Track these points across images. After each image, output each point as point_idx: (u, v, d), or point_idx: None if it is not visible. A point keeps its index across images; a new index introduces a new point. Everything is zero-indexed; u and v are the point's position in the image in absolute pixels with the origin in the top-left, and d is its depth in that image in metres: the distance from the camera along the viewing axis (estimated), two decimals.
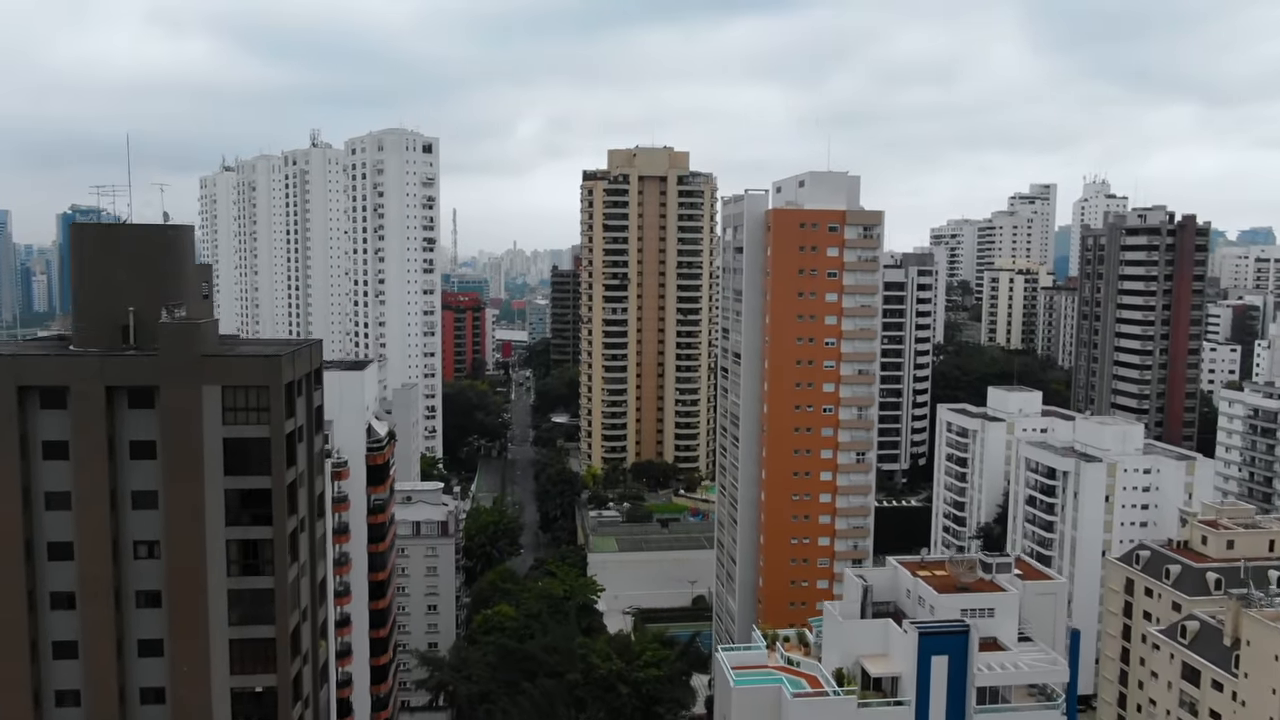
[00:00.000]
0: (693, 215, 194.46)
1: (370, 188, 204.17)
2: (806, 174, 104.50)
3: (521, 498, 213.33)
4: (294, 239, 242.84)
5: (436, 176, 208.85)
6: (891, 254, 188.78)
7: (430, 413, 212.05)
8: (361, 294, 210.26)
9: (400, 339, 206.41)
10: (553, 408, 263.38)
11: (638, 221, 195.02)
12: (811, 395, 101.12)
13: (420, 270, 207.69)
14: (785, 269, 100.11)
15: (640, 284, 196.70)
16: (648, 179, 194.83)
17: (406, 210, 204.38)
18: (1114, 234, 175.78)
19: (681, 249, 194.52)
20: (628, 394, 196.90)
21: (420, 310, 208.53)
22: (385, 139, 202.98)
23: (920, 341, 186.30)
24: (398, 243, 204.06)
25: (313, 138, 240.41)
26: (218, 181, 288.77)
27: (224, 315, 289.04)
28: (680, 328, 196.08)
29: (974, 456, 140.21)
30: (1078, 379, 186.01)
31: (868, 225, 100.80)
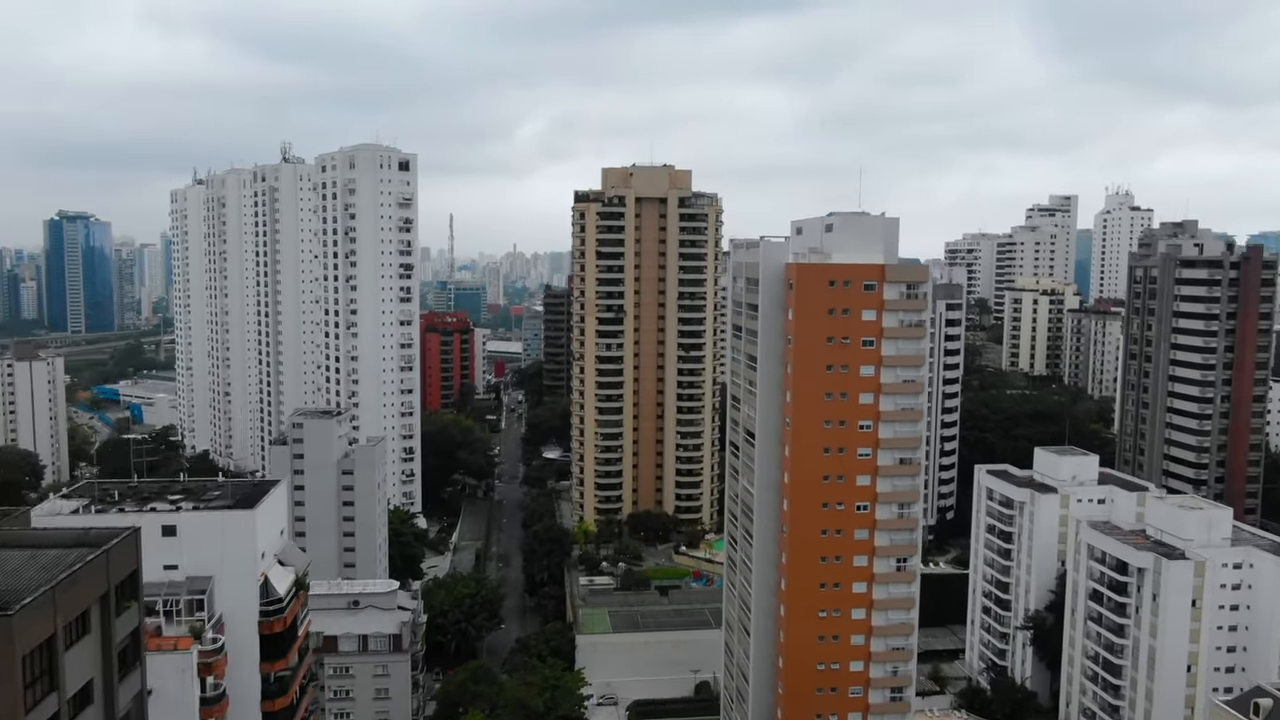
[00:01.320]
0: (695, 241, 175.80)
1: (341, 209, 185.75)
2: (834, 216, 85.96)
3: (508, 547, 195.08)
4: (263, 261, 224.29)
5: (414, 196, 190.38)
6: None
7: (408, 454, 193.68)
8: (332, 325, 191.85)
9: (374, 375, 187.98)
10: (545, 440, 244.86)
11: (635, 248, 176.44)
12: (842, 490, 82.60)
13: (396, 299, 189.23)
14: (811, 337, 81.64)
15: (638, 316, 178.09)
16: (646, 200, 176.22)
17: (381, 234, 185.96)
18: (1168, 265, 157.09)
19: (683, 278, 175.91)
20: (624, 438, 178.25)
21: (396, 343, 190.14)
22: (357, 155, 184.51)
23: (948, 383, 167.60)
24: (371, 270, 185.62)
25: (283, 151, 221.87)
26: (188, 195, 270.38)
27: (195, 340, 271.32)
28: (682, 365, 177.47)
29: (1021, 531, 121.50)
30: (1125, 425, 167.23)
31: (912, 283, 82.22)
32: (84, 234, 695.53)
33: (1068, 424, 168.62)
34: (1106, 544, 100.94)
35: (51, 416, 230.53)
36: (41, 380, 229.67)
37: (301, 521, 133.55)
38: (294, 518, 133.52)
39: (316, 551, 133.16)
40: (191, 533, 53.71)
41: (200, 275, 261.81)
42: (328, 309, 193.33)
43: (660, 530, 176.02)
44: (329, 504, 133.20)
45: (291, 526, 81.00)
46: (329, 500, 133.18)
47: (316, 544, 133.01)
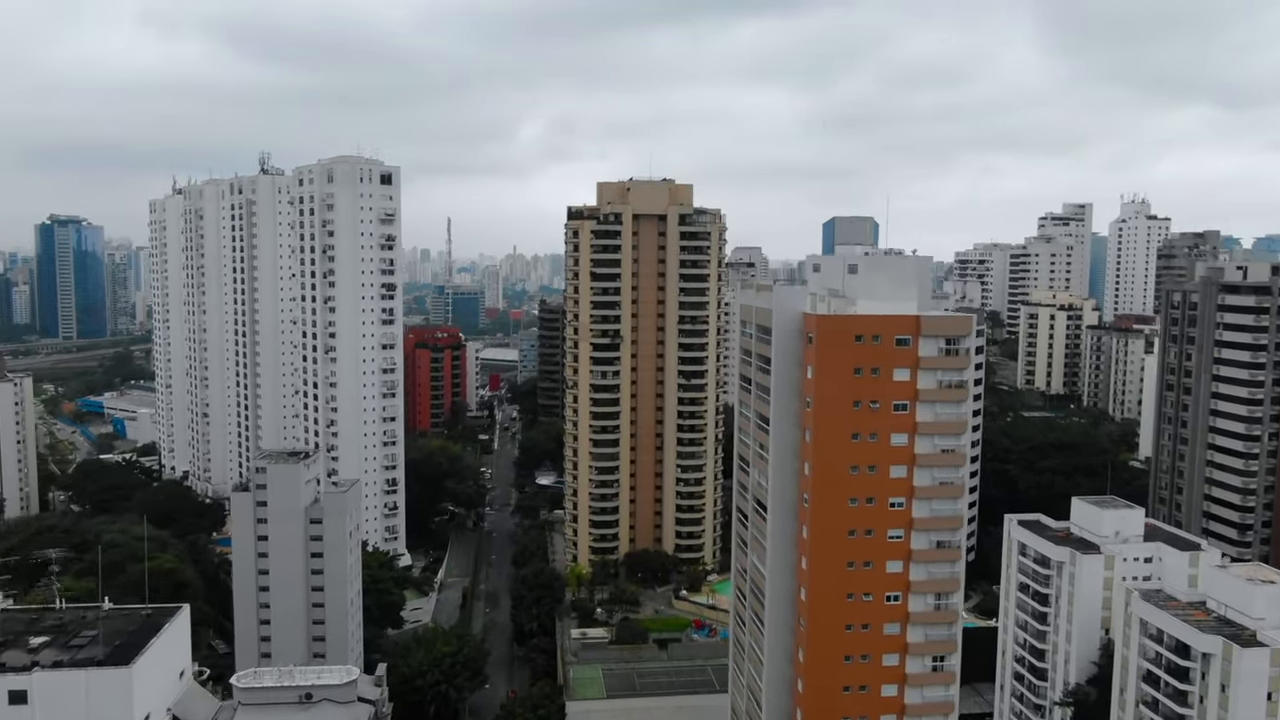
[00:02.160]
0: (697, 261, 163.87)
1: (318, 225, 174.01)
2: (860, 257, 74.16)
3: (498, 584, 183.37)
4: (241, 278, 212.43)
5: (397, 211, 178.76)
6: None
7: (391, 486, 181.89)
8: (310, 348, 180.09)
9: (354, 402, 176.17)
10: (539, 463, 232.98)
11: (632, 268, 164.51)
12: (870, 578, 70.78)
13: (378, 322, 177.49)
14: (833, 400, 69.81)
15: (635, 341, 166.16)
16: (644, 217, 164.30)
17: (361, 253, 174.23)
18: (1209, 290, 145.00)
19: (684, 300, 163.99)
20: (620, 473, 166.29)
21: (378, 368, 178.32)
22: (335, 169, 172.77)
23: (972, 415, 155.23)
24: (351, 291, 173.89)
25: (261, 162, 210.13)
26: (167, 206, 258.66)
27: (174, 357, 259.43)
28: (683, 394, 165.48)
29: (1059, 594, 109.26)
30: (1159, 461, 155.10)
31: (952, 337, 70.25)
32: (75, 238, 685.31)
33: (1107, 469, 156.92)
34: (1164, 621, 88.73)
35: (19, 441, 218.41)
36: (8, 402, 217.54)
37: (265, 575, 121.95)
38: (258, 570, 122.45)
39: (280, 611, 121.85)
40: (47, 698, 42.04)
41: (179, 290, 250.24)
42: (305, 331, 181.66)
43: (659, 571, 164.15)
44: (295, 557, 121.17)
45: (192, 670, 65.98)
46: (295, 553, 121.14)
47: (281, 602, 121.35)
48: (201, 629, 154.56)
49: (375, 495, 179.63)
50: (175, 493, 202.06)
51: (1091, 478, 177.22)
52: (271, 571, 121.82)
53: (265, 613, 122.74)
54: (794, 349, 72.58)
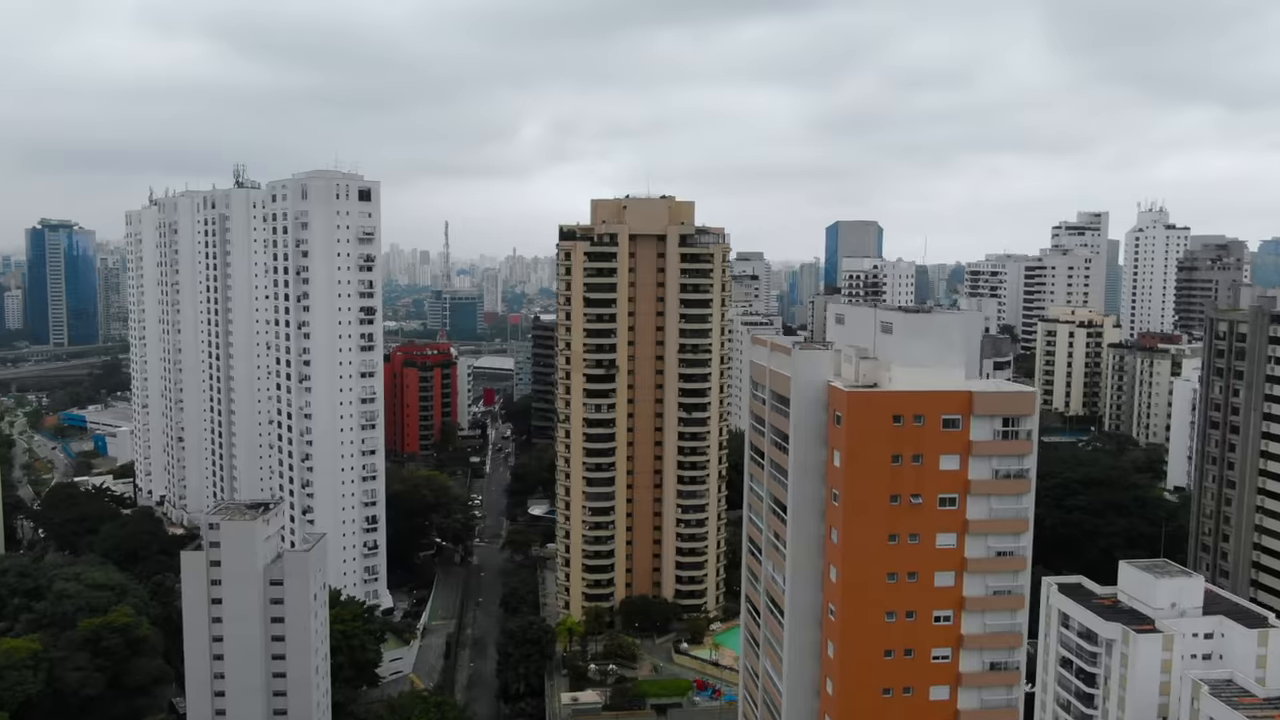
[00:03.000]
0: (699, 286, 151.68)
1: (292, 245, 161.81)
2: (897, 315, 61.75)
3: (485, 628, 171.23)
4: (214, 298, 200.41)
5: (377, 229, 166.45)
6: None
7: (371, 524, 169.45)
8: (284, 376, 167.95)
9: (331, 435, 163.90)
10: (531, 490, 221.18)
11: (629, 293, 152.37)
12: (910, 707, 58.56)
13: (357, 348, 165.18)
14: (866, 493, 57.79)
15: (632, 371, 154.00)
16: (641, 238, 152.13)
17: (338, 274, 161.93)
18: (1259, 321, 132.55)
19: (685, 328, 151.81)
20: (615, 513, 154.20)
21: (357, 398, 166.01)
22: (310, 184, 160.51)
23: None
24: (326, 315, 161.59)
25: (236, 174, 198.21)
26: (143, 217, 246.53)
27: (150, 376, 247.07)
28: (684, 428, 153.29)
29: (1109, 674, 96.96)
30: (1202, 505, 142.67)
31: (1011, 416, 58.04)
32: (67, 243, 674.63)
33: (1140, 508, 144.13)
34: None
35: None
36: None
37: (220, 642, 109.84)
38: (211, 637, 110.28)
39: (236, 684, 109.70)
40: None
41: (154, 307, 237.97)
42: (279, 358, 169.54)
43: (659, 619, 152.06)
44: (253, 623, 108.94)
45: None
46: (253, 619, 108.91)
47: (237, 674, 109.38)
48: (161, 688, 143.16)
49: (354, 534, 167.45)
50: (143, 526, 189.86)
51: (1123, 516, 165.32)
52: (226, 639, 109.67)
53: (220, 683, 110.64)
54: (816, 425, 60.58)
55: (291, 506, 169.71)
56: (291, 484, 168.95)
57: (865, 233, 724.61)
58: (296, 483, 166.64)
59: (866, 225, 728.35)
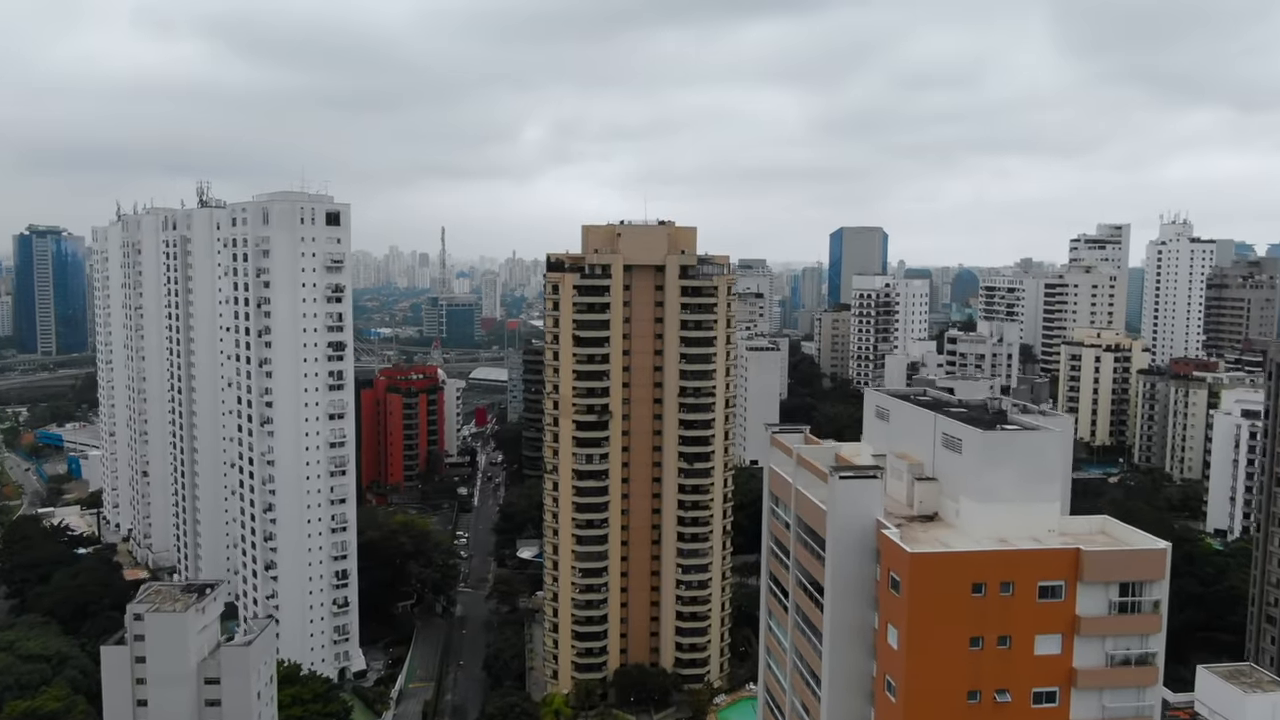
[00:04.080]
0: (701, 322, 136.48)
1: (252, 274, 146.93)
2: (966, 430, 46.58)
3: (467, 692, 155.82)
4: (176, 326, 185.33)
5: (346, 256, 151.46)
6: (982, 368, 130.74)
7: (341, 580, 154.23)
8: (245, 417, 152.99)
9: (295, 482, 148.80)
10: (521, 528, 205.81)
11: (623, 329, 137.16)
12: None
13: (324, 387, 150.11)
14: (932, 684, 42.78)
15: (627, 416, 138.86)
16: (638, 269, 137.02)
17: (303, 307, 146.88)
18: None
19: (686, 369, 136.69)
20: (609, 574, 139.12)
21: (325, 441, 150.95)
22: (272, 208, 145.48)
23: None
24: (290, 352, 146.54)
25: (200, 193, 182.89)
26: (109, 235, 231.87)
27: (118, 404, 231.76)
28: (684, 480, 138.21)
29: None
30: (1266, 571, 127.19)
31: (1132, 582, 42.92)
32: (55, 249, 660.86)
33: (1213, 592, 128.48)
34: None
35: None
36: None
37: None
38: None
39: None
40: None
41: (120, 331, 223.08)
42: (240, 397, 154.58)
43: (658, 692, 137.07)
44: None
45: None
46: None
47: None
48: None
49: (322, 591, 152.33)
50: (96, 576, 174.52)
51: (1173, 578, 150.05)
52: None
53: None
54: (861, 580, 45.66)
55: (254, 560, 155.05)
56: (253, 534, 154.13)
57: (870, 239, 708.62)
58: (258, 534, 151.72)
59: (871, 231, 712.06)
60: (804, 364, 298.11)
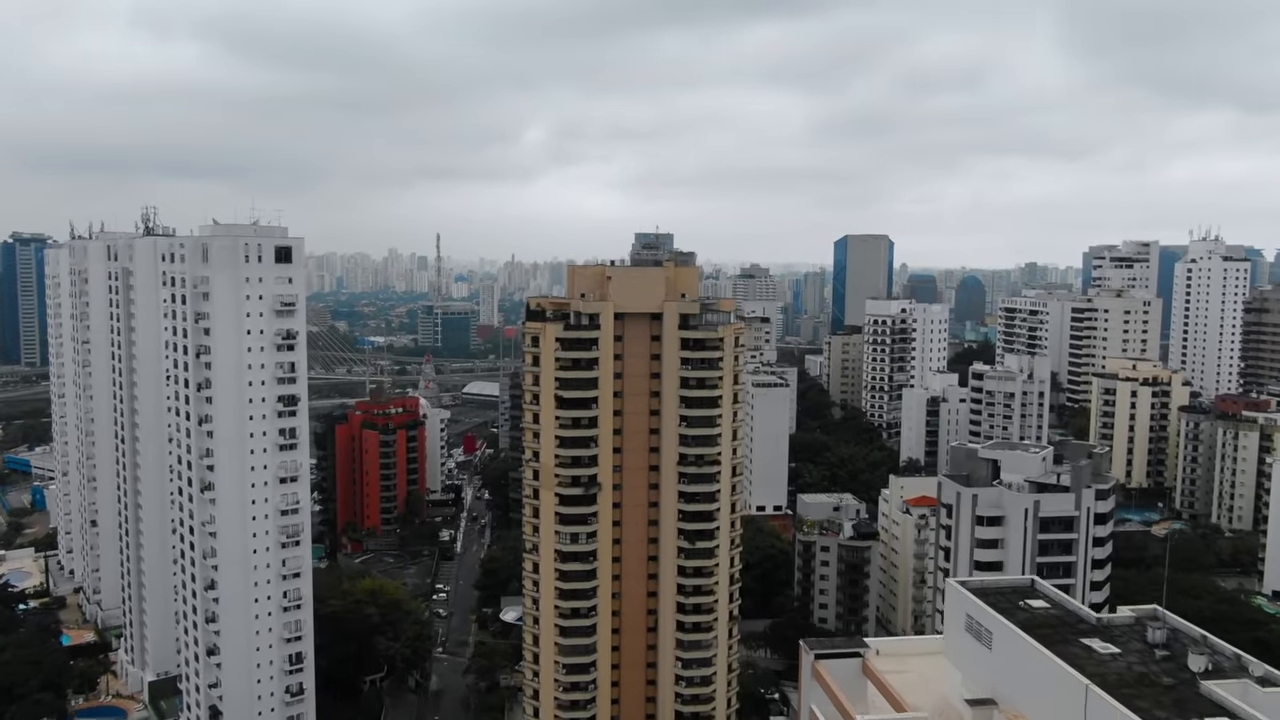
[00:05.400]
0: (705, 380, 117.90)
1: (190, 319, 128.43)
2: None
3: None
4: (119, 368, 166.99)
5: (299, 297, 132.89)
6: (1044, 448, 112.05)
7: (295, 665, 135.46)
8: (185, 480, 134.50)
9: (240, 557, 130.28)
10: (505, 584, 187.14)
11: (614, 386, 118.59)
12: None
13: (274, 447, 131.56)
14: None
15: (619, 486, 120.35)
16: (631, 317, 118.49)
17: (247, 358, 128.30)
18: None
19: (686, 434, 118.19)
20: (598, 669, 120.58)
21: (274, 509, 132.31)
22: (212, 245, 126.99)
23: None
24: (233, 408, 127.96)
25: (144, 220, 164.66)
26: (59, 259, 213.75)
27: (70, 441, 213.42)
28: (684, 560, 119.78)
29: None
30: None
31: None
32: (38, 258, 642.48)
33: None
34: None
35: None
36: None
37: None
38: None
39: None
40: None
41: (70, 365, 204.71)
42: (180, 456, 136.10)
43: None
44: None
45: None
46: None
47: None
48: None
49: (273, 679, 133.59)
50: (28, 653, 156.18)
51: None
52: None
53: None
54: None
55: (195, 642, 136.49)
56: (195, 612, 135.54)
57: (875, 247, 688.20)
58: (200, 614, 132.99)
59: (877, 239, 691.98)
60: (812, 391, 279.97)
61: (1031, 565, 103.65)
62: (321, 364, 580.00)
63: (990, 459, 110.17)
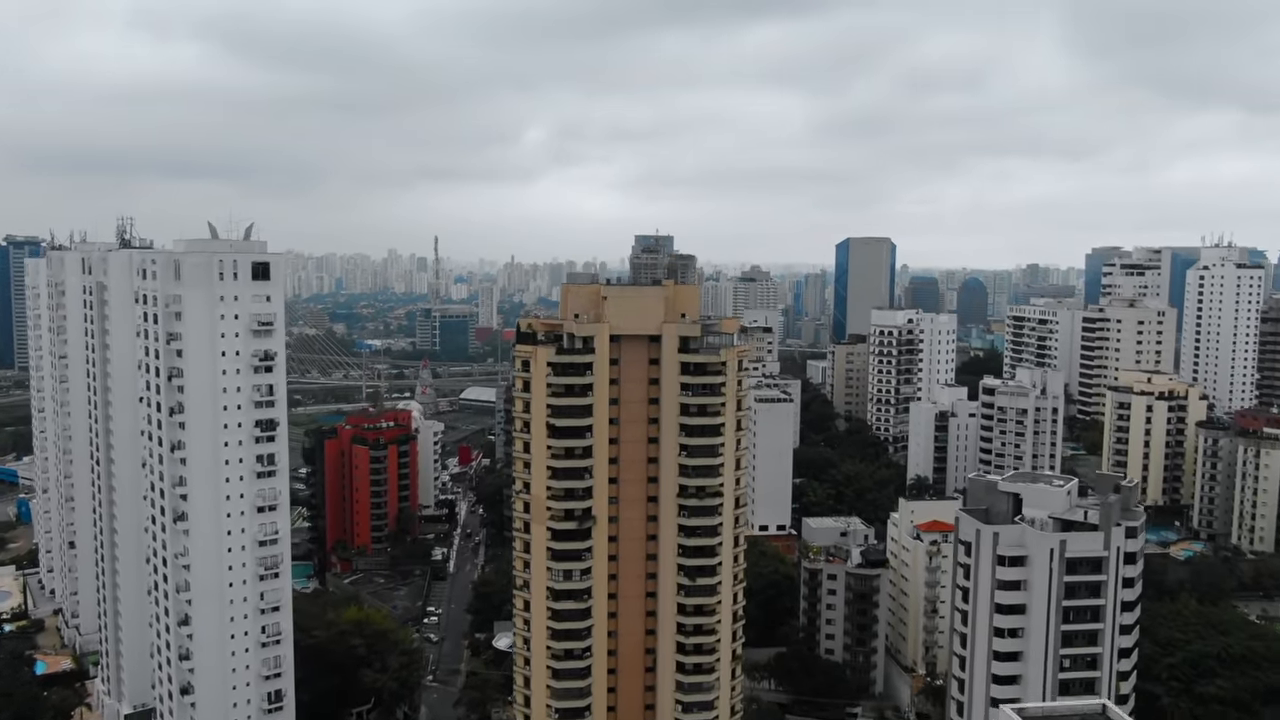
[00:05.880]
0: (706, 406, 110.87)
1: (162, 339, 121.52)
2: None
3: None
4: (94, 386, 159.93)
5: (278, 315, 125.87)
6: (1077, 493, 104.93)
7: (274, 703, 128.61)
8: (158, 508, 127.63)
9: (215, 590, 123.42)
10: (498, 608, 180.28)
11: (610, 413, 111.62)
12: None
13: (251, 474, 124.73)
14: None
15: (614, 519, 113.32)
16: (628, 340, 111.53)
17: (222, 380, 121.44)
18: None
19: (687, 464, 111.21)
20: (593, 713, 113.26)
21: (252, 540, 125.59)
22: (185, 261, 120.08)
23: (1123, 654, 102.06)
24: (207, 435, 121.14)
25: (120, 232, 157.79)
26: (39, 269, 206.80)
27: (50, 459, 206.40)
28: (684, 598, 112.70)
29: None
30: None
31: None
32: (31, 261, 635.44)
33: None
34: None
35: None
36: None
37: None
38: None
39: None
40: None
41: (49, 380, 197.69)
42: (153, 483, 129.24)
43: None
44: None
45: None
46: None
47: None
48: None
49: (251, 718, 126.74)
50: (1, 681, 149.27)
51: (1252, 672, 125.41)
52: None
53: None
54: None
55: (169, 679, 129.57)
56: (168, 648, 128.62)
57: (877, 250, 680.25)
58: (173, 650, 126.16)
59: (879, 242, 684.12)
60: (816, 403, 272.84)
61: (1057, 609, 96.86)
62: (319, 368, 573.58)
63: (1011, 492, 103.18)
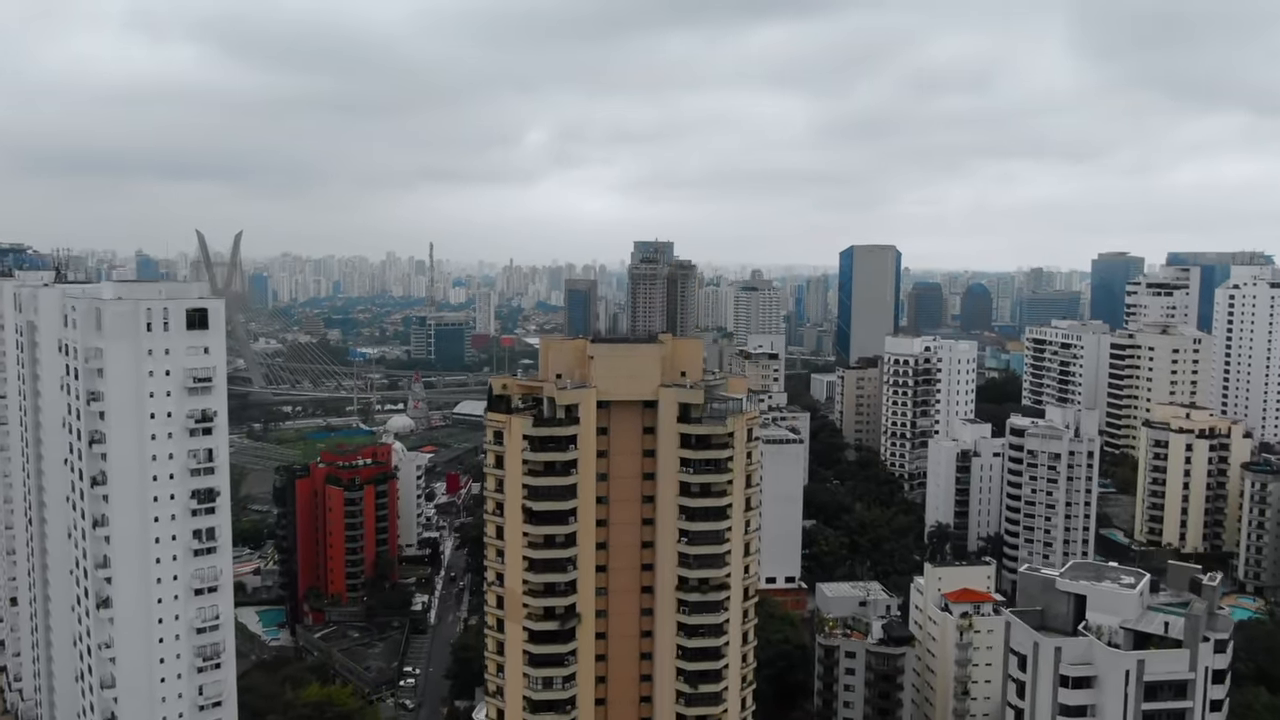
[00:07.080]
0: (710, 485, 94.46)
1: (84, 399, 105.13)
2: None
3: None
4: (26, 437, 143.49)
5: (218, 369, 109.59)
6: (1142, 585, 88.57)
7: None
8: (83, 590, 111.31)
9: (142, 690, 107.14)
10: (479, 676, 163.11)
11: (597, 491, 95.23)
12: None
13: (187, 553, 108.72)
14: None
15: (603, 614, 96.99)
16: (618, 406, 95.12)
17: (152, 446, 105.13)
18: None
19: (687, 551, 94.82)
20: None
21: (188, 628, 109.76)
22: (106, 309, 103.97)
23: None
24: (134, 509, 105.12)
25: (57, 265, 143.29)
26: None
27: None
28: (685, 708, 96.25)
29: None
30: None
31: None
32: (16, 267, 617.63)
33: None
34: None
35: None
36: None
37: None
38: None
39: None
40: None
41: None
42: (77, 559, 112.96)
43: None
44: None
45: None
46: None
47: None
48: None
49: None
50: None
51: None
52: None
53: None
54: None
55: None
56: None
57: (882, 258, 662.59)
58: None
59: (884, 250, 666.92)
60: (824, 432, 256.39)
61: None
62: (310, 378, 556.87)
63: (1072, 593, 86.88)
